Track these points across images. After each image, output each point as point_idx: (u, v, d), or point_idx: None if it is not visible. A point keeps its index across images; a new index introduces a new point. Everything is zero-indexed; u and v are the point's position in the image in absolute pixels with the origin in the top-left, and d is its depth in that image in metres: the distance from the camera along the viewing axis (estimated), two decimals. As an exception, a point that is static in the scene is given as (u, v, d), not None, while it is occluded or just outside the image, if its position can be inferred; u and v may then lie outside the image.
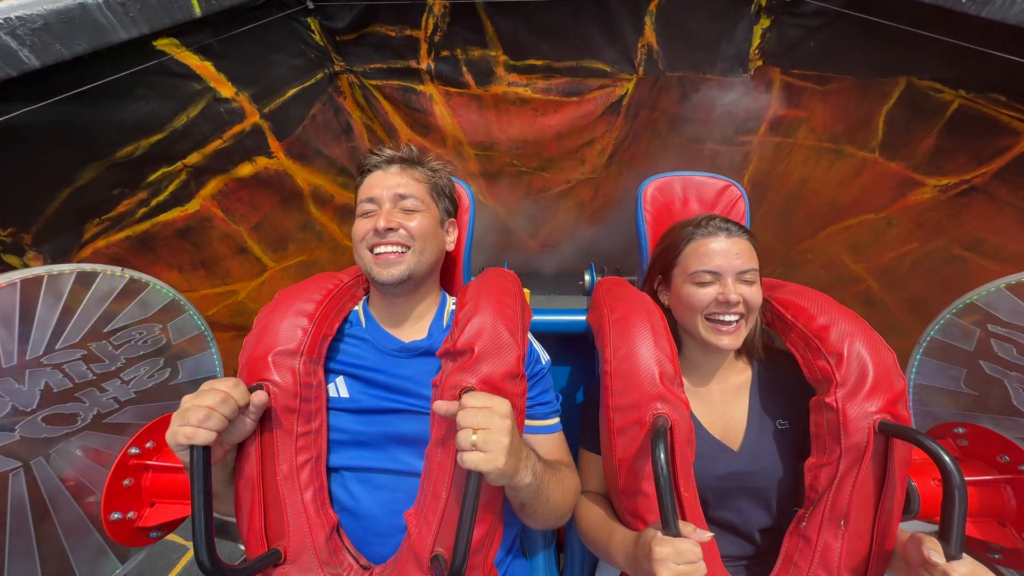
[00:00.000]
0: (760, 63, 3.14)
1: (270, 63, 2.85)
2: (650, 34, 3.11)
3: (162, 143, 2.26)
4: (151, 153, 2.22)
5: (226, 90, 2.55)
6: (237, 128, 2.66)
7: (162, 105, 2.24)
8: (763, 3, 2.94)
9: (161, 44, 2.16)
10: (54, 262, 1.87)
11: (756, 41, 3.07)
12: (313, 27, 3.10)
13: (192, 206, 2.50)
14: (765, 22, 3.01)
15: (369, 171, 1.59)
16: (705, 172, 1.91)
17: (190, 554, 2.23)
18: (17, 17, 1.53)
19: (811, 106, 3.10)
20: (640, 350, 1.35)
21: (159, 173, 2.30)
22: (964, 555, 1.02)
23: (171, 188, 2.37)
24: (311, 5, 3.00)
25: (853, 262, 2.95)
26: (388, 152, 1.59)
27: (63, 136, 1.85)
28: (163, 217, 2.35)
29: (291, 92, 3.00)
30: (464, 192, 1.86)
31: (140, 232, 2.25)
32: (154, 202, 2.30)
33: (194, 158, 2.46)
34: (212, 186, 2.60)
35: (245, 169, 2.76)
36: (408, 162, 1.60)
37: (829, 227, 3.11)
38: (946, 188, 2.43)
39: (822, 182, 3.16)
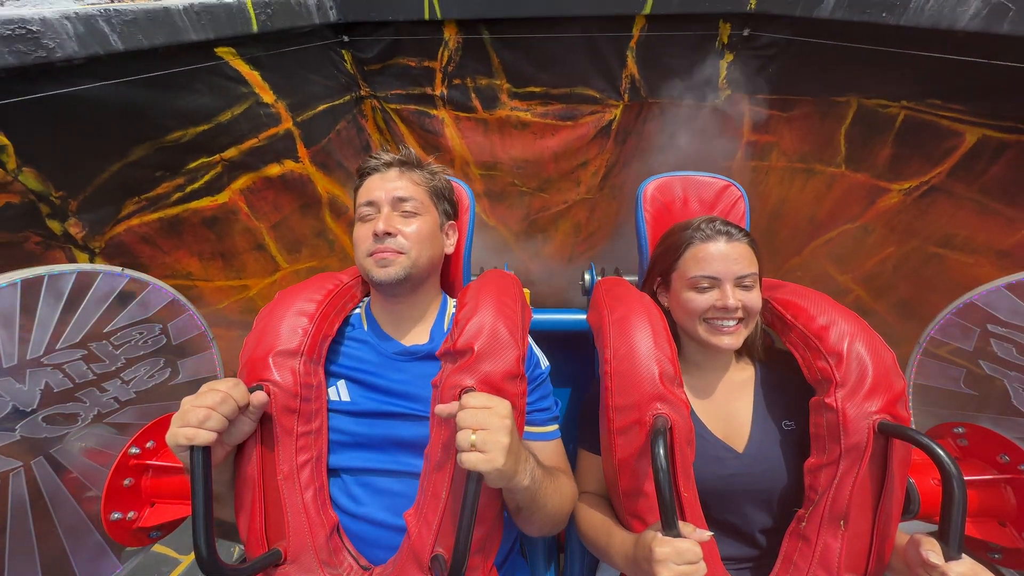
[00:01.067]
0: (729, 92, 3.20)
1: (307, 81, 2.95)
2: (632, 66, 3.18)
3: (207, 134, 2.29)
4: (196, 142, 2.24)
5: (267, 96, 2.62)
6: (272, 131, 2.72)
7: (213, 100, 2.29)
8: (725, 40, 3.04)
9: (221, 51, 2.25)
10: (91, 233, 1.85)
11: (723, 73, 3.15)
12: (346, 57, 3.23)
13: (222, 197, 2.49)
14: (729, 56, 3.09)
15: (368, 174, 1.46)
16: (704, 172, 1.82)
17: (182, 567, 2.10)
18: (115, 9, 1.66)
19: (779, 130, 3.12)
20: (640, 350, 1.23)
21: (199, 162, 2.30)
22: (963, 555, 0.93)
23: (207, 178, 2.37)
24: (346, 39, 3.16)
25: (839, 273, 2.90)
26: (386, 156, 1.47)
27: (127, 113, 1.88)
28: (194, 204, 2.34)
29: (321, 107, 3.09)
30: (464, 193, 1.74)
31: (171, 216, 2.22)
32: (189, 188, 2.29)
33: (231, 152, 2.47)
34: (242, 181, 2.60)
35: (273, 169, 2.79)
36: (407, 165, 1.47)
37: (812, 242, 3.07)
38: (910, 191, 2.38)
39: (799, 200, 3.14)
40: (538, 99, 3.35)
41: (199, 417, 0.97)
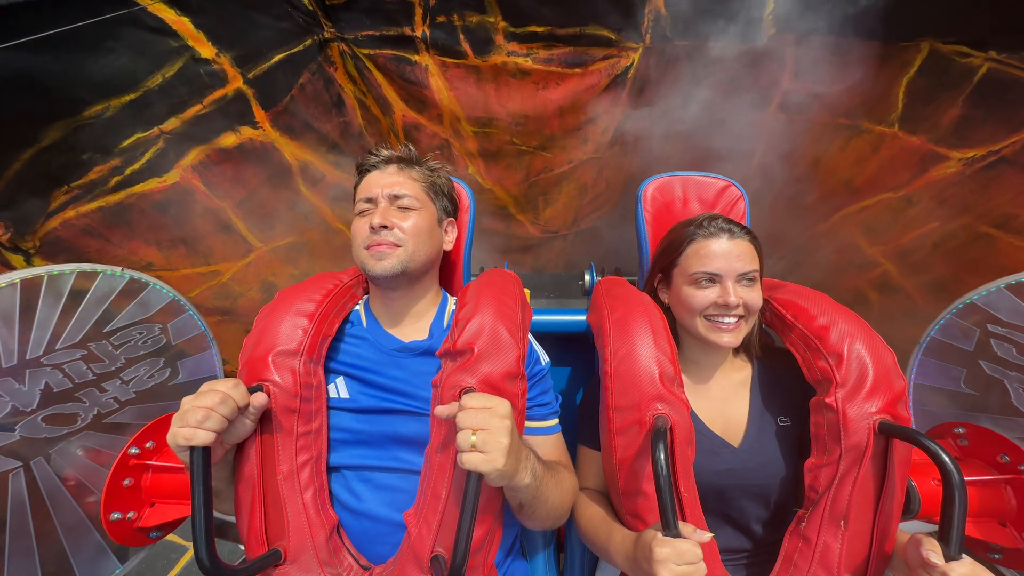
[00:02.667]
0: (774, 30, 3.08)
1: (254, 24, 2.79)
2: None
3: (135, 104, 2.26)
4: (123, 115, 2.23)
5: (206, 50, 2.52)
6: (219, 93, 2.65)
7: (134, 61, 2.22)
8: (777, -38, 2.90)
9: None
10: (17, 231, 1.92)
11: (770, 5, 3.01)
12: None
13: (171, 177, 2.51)
14: (781, -18, 2.97)
15: (367, 171, 1.67)
16: (705, 172, 1.96)
17: (189, 554, 2.27)
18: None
19: (826, 78, 3.06)
20: (640, 351, 1.41)
21: (133, 139, 2.31)
22: (964, 555, 1.06)
23: (147, 156, 2.38)
24: None
25: (869, 245, 2.96)
26: (386, 152, 1.68)
27: (23, 88, 1.85)
28: (139, 188, 2.37)
29: (277, 58, 2.96)
30: (464, 192, 1.93)
31: (114, 203, 2.28)
32: (128, 170, 2.31)
33: (172, 123, 2.46)
34: (193, 156, 2.60)
35: (228, 139, 2.76)
36: (406, 162, 1.68)
37: (843, 209, 3.11)
38: (972, 161, 2.44)
39: (836, 161, 3.16)
40: (540, 41, 3.26)
41: (198, 418, 1.14)
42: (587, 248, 4.20)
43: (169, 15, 2.32)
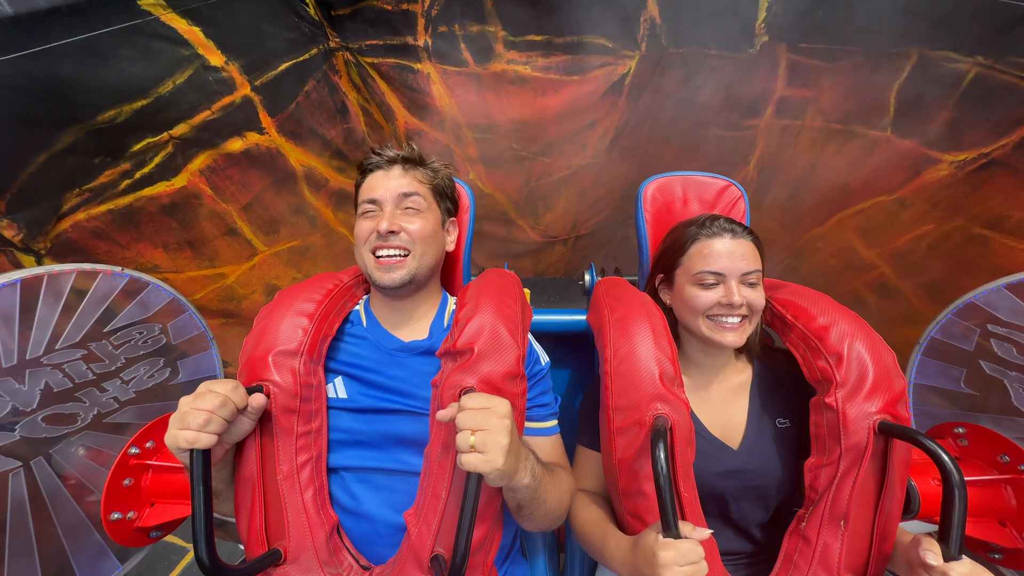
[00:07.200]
0: (766, 38, 3.09)
1: (262, 34, 2.83)
2: (653, 7, 3.09)
3: (146, 110, 2.27)
4: (135, 120, 2.23)
5: (215, 58, 2.55)
6: (227, 99, 2.67)
7: (146, 69, 2.24)
8: (768, -28, 2.93)
9: (146, 3, 2.16)
10: (29, 233, 1.90)
11: (762, 14, 3.02)
12: (308, 0, 3.07)
13: (179, 181, 2.52)
14: (770, -8, 3.00)
15: (371, 171, 1.62)
16: (705, 172, 1.93)
17: (190, 556, 2.26)
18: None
19: (819, 84, 3.08)
20: (640, 350, 1.38)
21: (143, 143, 2.31)
22: (963, 556, 1.04)
23: (156, 160, 2.39)
24: None
25: (865, 248, 2.96)
26: (390, 152, 1.62)
27: (39, 94, 1.86)
28: (148, 191, 2.37)
29: (284, 66, 2.99)
30: (464, 192, 1.89)
31: (123, 206, 2.28)
32: (138, 174, 2.32)
33: (181, 129, 2.47)
34: (200, 161, 2.61)
35: (235, 144, 2.77)
36: (410, 162, 1.63)
37: (839, 212, 3.11)
38: (963, 164, 2.45)
39: (831, 165, 3.16)
40: (539, 50, 3.28)
41: (199, 421, 1.10)
42: (587, 253, 4.21)
43: (181, 24, 2.34)
